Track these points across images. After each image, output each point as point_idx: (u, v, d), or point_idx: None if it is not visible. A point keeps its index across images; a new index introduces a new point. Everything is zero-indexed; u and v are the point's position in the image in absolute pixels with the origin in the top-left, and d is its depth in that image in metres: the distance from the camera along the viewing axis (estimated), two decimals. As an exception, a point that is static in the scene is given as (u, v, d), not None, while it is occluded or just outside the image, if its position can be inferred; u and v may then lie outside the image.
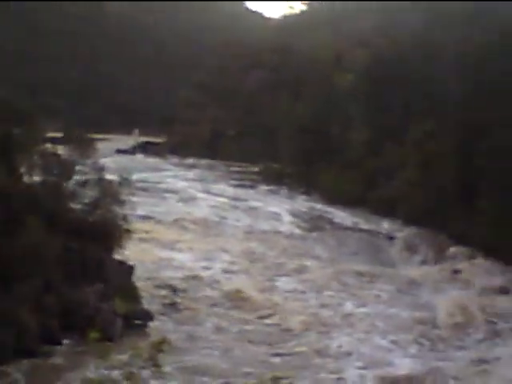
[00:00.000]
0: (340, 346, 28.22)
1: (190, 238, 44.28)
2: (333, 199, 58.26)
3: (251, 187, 68.64)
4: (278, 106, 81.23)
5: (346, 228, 50.51)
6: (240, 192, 64.62)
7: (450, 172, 46.87)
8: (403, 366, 26.53)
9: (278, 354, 27.12)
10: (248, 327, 29.89)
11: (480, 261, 41.15)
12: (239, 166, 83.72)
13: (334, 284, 36.42)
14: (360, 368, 26.19)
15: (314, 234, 48.47)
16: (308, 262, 40.75)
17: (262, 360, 26.26)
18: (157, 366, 9.21)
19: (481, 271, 39.48)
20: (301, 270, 38.95)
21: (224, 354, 26.71)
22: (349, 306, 33.10)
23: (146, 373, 9.84)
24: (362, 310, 32.68)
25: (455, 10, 67.44)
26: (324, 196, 60.78)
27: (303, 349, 27.75)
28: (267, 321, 30.78)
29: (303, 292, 35.07)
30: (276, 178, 71.68)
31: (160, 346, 9.34)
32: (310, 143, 68.87)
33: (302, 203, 60.06)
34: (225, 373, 25.04)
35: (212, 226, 48.15)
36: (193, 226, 47.48)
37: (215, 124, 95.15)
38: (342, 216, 53.94)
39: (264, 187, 68.74)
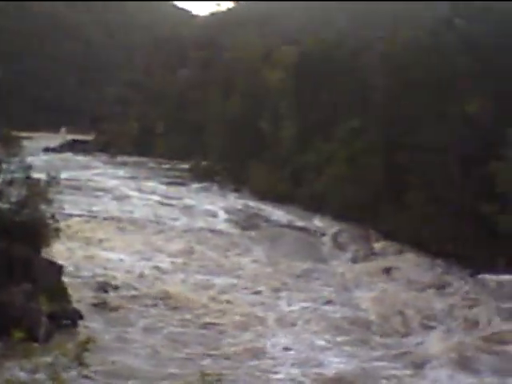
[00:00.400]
0: (275, 346, 28.10)
1: (124, 237, 43.87)
2: (264, 196, 58.52)
3: (183, 184, 68.57)
4: (207, 102, 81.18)
5: (281, 225, 50.66)
6: (172, 190, 64.47)
7: (378, 168, 47.42)
8: (336, 366, 26.60)
9: (209, 355, 26.65)
10: (181, 327, 29.51)
11: (409, 255, 41.69)
12: (169, 164, 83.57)
13: (271, 282, 36.32)
14: (294, 368, 26.20)
15: (250, 232, 48.40)
16: (245, 261, 40.69)
17: (193, 361, 25.82)
18: (83, 365, 9.13)
19: (411, 266, 39.95)
20: (237, 269, 38.75)
21: (152, 356, 26.36)
22: (284, 305, 33.01)
23: (71, 373, 9.74)
24: (298, 309, 32.57)
25: (380, 9, 68.45)
26: (255, 193, 60.98)
27: (237, 349, 27.46)
28: (202, 320, 30.41)
29: (239, 291, 34.73)
30: (207, 175, 71.71)
31: (85, 345, 9.26)
32: (239, 140, 69.06)
33: (236, 201, 60.13)
34: (149, 374, 24.72)
35: (147, 225, 47.72)
36: (126, 225, 47.04)
37: (144, 121, 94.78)
38: (275, 213, 54.13)
39: (195, 185, 68.71)
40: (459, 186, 41.18)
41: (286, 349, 27.90)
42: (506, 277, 36.75)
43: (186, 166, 79.80)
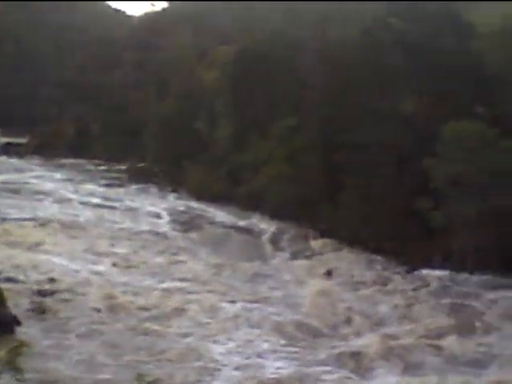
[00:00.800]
0: (218, 350, 27.96)
1: (66, 241, 43.19)
2: (201, 196, 58.37)
3: (121, 186, 68.02)
4: (143, 103, 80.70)
5: (223, 226, 50.55)
6: (111, 192, 63.91)
7: (316, 167, 47.65)
8: (277, 369, 26.51)
9: (150, 361, 26.26)
10: (123, 333, 29.14)
11: (348, 253, 42.14)
12: (106, 165, 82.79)
13: (215, 285, 36.17)
14: (235, 371, 26.07)
15: (194, 234, 48.20)
16: (190, 264, 40.46)
17: (131, 367, 25.31)
18: (17, 370, 8.92)
19: (351, 264, 40.40)
20: (183, 272, 38.53)
21: (89, 362, 25.81)
22: (229, 308, 32.79)
23: (3, 379, 9.52)
24: (242, 312, 32.27)
25: (315, 9, 68.95)
26: (193, 193, 60.76)
27: (179, 354, 27.18)
28: (144, 325, 30.05)
29: (184, 295, 34.30)
30: (144, 177, 71.23)
31: (18, 350, 9.06)
32: (176, 141, 68.78)
33: (177, 202, 59.79)
34: (83, 381, 24.21)
35: (89, 228, 47.07)
36: (68, 229, 46.34)
37: (80, 122, 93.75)
38: (217, 214, 54.02)
39: (133, 186, 68.18)
40: (396, 183, 41.65)
41: (229, 353, 27.75)
42: (441, 272, 37.38)
43: (122, 167, 79.17)
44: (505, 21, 43.02)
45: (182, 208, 56.80)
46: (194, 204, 58.06)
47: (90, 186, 66.09)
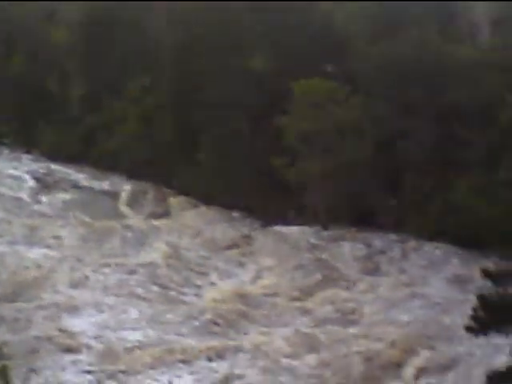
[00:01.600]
0: (78, 321, 28.04)
1: None
2: (57, 158, 57.51)
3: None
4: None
5: (84, 188, 49.85)
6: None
7: (169, 125, 48.04)
8: (138, 338, 26.99)
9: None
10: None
11: (205, 210, 42.62)
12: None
13: (79, 252, 35.87)
14: (94, 340, 26.33)
15: (58, 197, 47.46)
16: (56, 229, 39.81)
17: None
18: None
19: (209, 222, 41.00)
20: (48, 238, 38.03)
21: None
22: (91, 276, 32.63)
23: None
24: (104, 279, 32.35)
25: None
26: (47, 155, 59.73)
27: (36, 327, 27.05)
28: (1, 298, 29.72)
29: (48, 262, 33.97)
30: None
31: None
32: (27, 101, 67.27)
33: (36, 164, 58.18)
34: None
35: None
36: None
37: None
38: (78, 176, 52.99)
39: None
40: (250, 141, 42.60)
41: (92, 323, 27.99)
42: (297, 228, 38.67)
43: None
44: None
45: (42, 170, 55.57)
46: (53, 166, 56.94)
47: None
